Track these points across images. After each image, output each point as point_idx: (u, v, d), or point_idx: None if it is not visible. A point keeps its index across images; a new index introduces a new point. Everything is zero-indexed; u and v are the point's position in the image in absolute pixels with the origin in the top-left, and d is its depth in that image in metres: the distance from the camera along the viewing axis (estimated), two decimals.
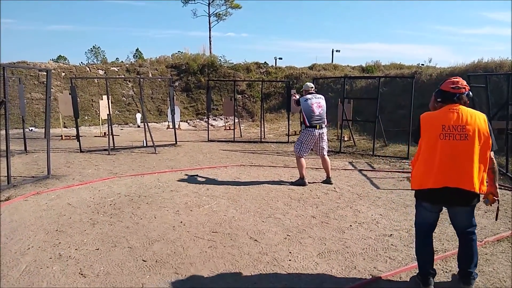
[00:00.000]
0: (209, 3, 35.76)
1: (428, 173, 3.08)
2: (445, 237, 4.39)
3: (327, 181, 6.75)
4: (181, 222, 4.75)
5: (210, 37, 35.30)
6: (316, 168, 8.04)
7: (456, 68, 13.00)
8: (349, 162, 8.79)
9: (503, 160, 7.57)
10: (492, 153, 3.12)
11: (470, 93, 3.17)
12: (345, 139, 11.50)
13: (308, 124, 6.50)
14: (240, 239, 4.28)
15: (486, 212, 5.18)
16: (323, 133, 6.57)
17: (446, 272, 3.56)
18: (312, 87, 6.83)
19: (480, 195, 3.10)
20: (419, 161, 3.18)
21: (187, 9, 78.86)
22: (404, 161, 8.90)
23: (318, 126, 6.46)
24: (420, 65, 20.54)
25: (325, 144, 6.71)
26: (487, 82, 7.78)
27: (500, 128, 7.53)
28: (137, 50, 58.07)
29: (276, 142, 11.80)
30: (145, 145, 10.53)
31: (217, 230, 4.53)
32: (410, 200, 5.81)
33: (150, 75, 18.44)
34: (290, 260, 3.79)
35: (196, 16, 39.63)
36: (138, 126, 15.53)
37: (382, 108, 12.61)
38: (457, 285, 3.30)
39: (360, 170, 7.93)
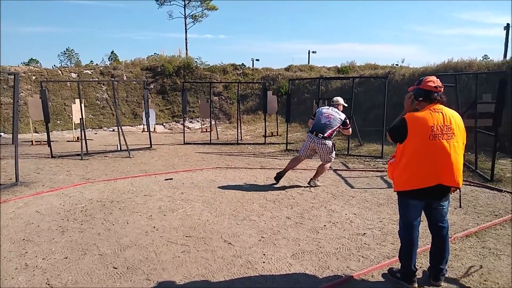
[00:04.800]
0: (185, 5, 35.59)
1: (418, 174, 3.12)
2: None
3: (310, 182, 6.71)
4: (154, 227, 4.67)
5: (186, 39, 35.18)
6: (292, 169, 8.05)
7: (428, 68, 13.28)
8: None
9: (472, 157, 7.78)
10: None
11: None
12: None
13: (310, 128, 6.66)
14: (214, 242, 4.23)
15: (456, 209, 5.29)
16: (319, 142, 6.41)
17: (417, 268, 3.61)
18: (337, 102, 6.75)
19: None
20: (405, 162, 3.17)
21: (163, 11, 78.14)
22: (378, 160, 9.03)
23: (315, 133, 6.45)
24: (394, 65, 20.92)
25: (325, 154, 6.51)
26: (456, 81, 7.98)
27: (469, 126, 7.70)
28: (112, 52, 57.04)
29: (253, 144, 11.80)
30: (119, 149, 10.35)
31: (190, 234, 4.47)
32: (383, 199, 5.90)
33: (125, 78, 18.16)
34: (264, 262, 3.77)
35: (172, 18, 39.40)
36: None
37: (357, 108, 12.77)
38: (427, 282, 3.36)
39: (335, 170, 7.99)
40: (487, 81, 9.94)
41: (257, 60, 35.78)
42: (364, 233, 4.49)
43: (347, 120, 6.58)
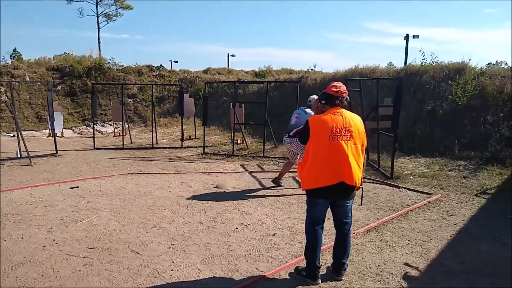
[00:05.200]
0: (97, 3, 33.75)
1: (321, 173, 3.30)
2: (323, 232, 4.65)
3: (274, 180, 6.89)
4: (54, 241, 4.30)
5: (99, 38, 33.31)
6: (208, 173, 8.01)
7: (337, 73, 14.07)
8: (241, 165, 8.94)
9: (376, 156, 8.38)
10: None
11: (348, 98, 3.51)
12: (239, 142, 11.69)
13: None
14: (120, 253, 4.02)
15: (359, 206, 5.64)
16: (288, 141, 6.40)
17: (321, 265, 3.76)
18: (310, 101, 6.66)
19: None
20: (310, 162, 3.35)
21: (73, 7, 73.05)
22: None
23: (286, 134, 6.43)
24: (310, 69, 21.89)
25: (289, 151, 6.63)
26: (360, 86, 8.55)
27: (372, 127, 8.31)
28: (14, 50, 52.06)
29: (169, 148, 11.51)
30: (18, 156, 9.43)
31: (95, 245, 4.20)
32: (294, 199, 6.10)
33: (28, 78, 16.65)
34: (172, 270, 3.66)
35: (82, 15, 36.90)
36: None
37: (273, 111, 13.10)
38: (330, 277, 3.52)
39: (250, 172, 8.10)
40: (388, 86, 10.80)
41: (176, 61, 35.19)
42: (274, 234, 4.59)
43: None
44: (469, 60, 11.27)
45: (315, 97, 6.73)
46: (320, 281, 3.43)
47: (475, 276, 3.58)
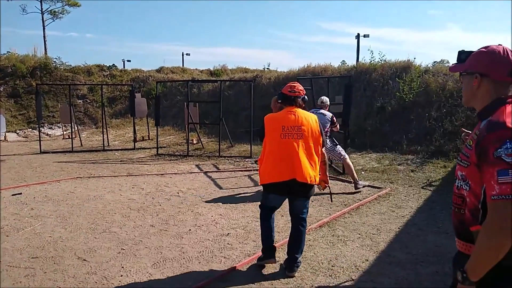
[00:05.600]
0: None
1: (273, 169, 3.45)
2: (276, 229, 4.67)
3: (354, 186, 6.41)
4: None
5: (44, 37, 31.61)
6: (161, 174, 7.83)
7: (291, 72, 14.25)
8: (196, 165, 8.82)
9: None
10: (324, 149, 3.68)
11: (306, 97, 3.66)
12: (194, 142, 11.55)
13: None
14: (66, 261, 3.83)
15: (312, 201, 5.72)
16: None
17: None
18: (322, 102, 6.63)
19: (315, 185, 3.60)
20: (265, 158, 3.53)
21: (15, 4, 68.81)
22: (247, 160, 9.33)
23: None
24: (265, 68, 21.99)
25: (332, 154, 6.53)
26: (312, 84, 8.69)
27: None
28: None
29: (121, 150, 11.15)
30: None
31: (38, 255, 3.97)
32: (249, 197, 6.09)
33: None
34: (121, 276, 3.53)
35: (26, 12, 34.86)
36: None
37: (228, 110, 13.07)
38: (283, 274, 3.53)
39: (205, 172, 8.01)
40: (340, 84, 11.07)
41: (129, 61, 34.31)
42: (228, 233, 4.56)
43: (334, 118, 6.51)
44: (414, 58, 11.81)
45: (326, 99, 6.72)
46: (275, 260, 3.59)
47: (421, 266, 3.72)
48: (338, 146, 6.64)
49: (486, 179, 1.43)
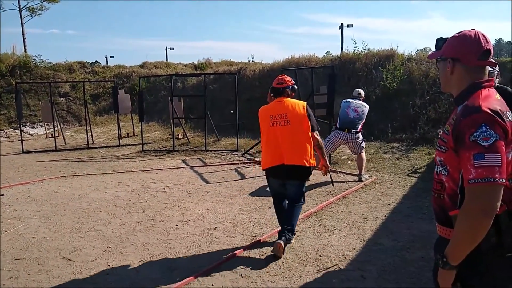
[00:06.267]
0: None
1: (267, 155, 3.84)
2: (263, 221, 4.68)
3: (359, 178, 6.43)
4: None
5: (23, 34, 30.89)
6: (147, 170, 7.76)
7: (275, 63, 14.18)
8: (182, 160, 8.76)
9: None
10: (316, 133, 3.87)
11: (295, 86, 3.95)
12: (180, 137, 11.45)
13: (337, 126, 6.41)
14: (51, 261, 3.76)
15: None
16: (352, 138, 6.31)
17: (261, 255, 3.78)
18: (359, 94, 6.63)
19: (311, 168, 3.85)
20: (262, 147, 3.99)
21: None
22: (234, 153, 9.30)
23: (347, 129, 6.25)
24: (250, 61, 21.85)
25: (357, 146, 6.43)
26: (296, 75, 8.65)
27: None
28: None
29: (105, 147, 11.00)
30: None
31: (21, 256, 3.90)
32: (236, 191, 6.07)
33: None
34: (107, 274, 3.49)
35: (3, 9, 33.96)
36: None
37: (214, 104, 12.98)
38: (271, 266, 3.55)
39: (192, 167, 7.95)
40: (324, 75, 11.08)
41: (112, 57, 33.73)
42: (215, 227, 4.54)
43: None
44: (397, 47, 11.84)
45: (361, 91, 6.81)
46: (281, 241, 3.66)
47: (407, 252, 3.76)
48: (362, 138, 6.60)
49: (463, 163, 1.44)
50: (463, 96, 1.57)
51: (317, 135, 3.87)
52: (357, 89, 6.87)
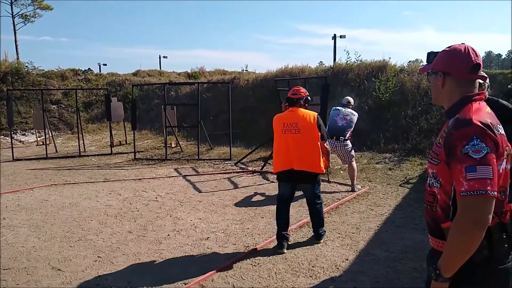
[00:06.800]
0: (11, 2, 31.15)
1: (278, 160, 4.13)
2: (256, 231, 4.66)
3: (351, 188, 6.43)
4: None
5: (16, 41, 30.85)
6: (139, 179, 7.70)
7: (269, 73, 14.25)
8: (175, 169, 8.71)
9: None
10: (326, 143, 4.30)
11: (309, 98, 4.28)
12: (172, 145, 11.41)
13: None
14: (40, 271, 3.71)
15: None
16: (341, 145, 6.30)
17: (254, 265, 3.75)
18: (349, 102, 6.66)
19: (319, 174, 4.17)
20: (274, 151, 4.28)
21: None
22: (227, 162, 9.28)
23: (335, 137, 6.25)
24: (243, 70, 21.92)
25: (347, 155, 6.42)
26: (289, 85, 8.70)
27: None
28: None
29: (97, 155, 10.91)
30: None
31: (10, 266, 3.83)
32: (229, 200, 6.05)
33: None
34: (98, 284, 3.44)
35: None
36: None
37: (207, 112, 12.98)
38: (313, 242, 4.25)
39: (184, 176, 7.91)
40: (317, 85, 11.15)
41: (105, 65, 33.74)
42: (208, 237, 4.51)
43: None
44: (389, 58, 11.95)
45: (351, 98, 6.90)
46: (285, 250, 3.98)
47: (400, 263, 3.76)
48: (352, 146, 6.61)
49: (455, 176, 1.45)
50: (454, 109, 1.59)
51: (326, 145, 4.27)
52: (347, 97, 6.88)
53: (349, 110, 6.56)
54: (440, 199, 1.58)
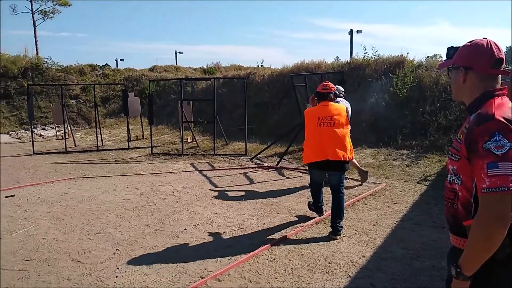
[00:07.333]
0: None
1: (312, 151, 4.40)
2: (272, 226, 4.66)
3: (361, 174, 6.61)
4: None
5: (35, 37, 31.39)
6: (156, 174, 7.79)
7: (285, 68, 14.19)
8: (191, 164, 8.77)
9: None
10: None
11: (337, 92, 4.64)
12: (189, 140, 11.49)
13: None
14: (60, 263, 3.79)
15: (308, 198, 5.72)
16: None
17: (270, 260, 3.76)
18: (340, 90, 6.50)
19: (349, 162, 4.52)
20: (305, 143, 4.55)
21: (4, 4, 67.82)
22: (242, 157, 9.30)
23: None
24: (258, 66, 21.90)
25: None
26: (305, 81, 8.67)
27: None
28: None
29: (115, 150, 11.07)
30: None
31: (32, 257, 3.93)
32: (245, 195, 6.07)
33: None
34: (116, 276, 3.50)
35: (16, 12, 34.51)
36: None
37: (223, 108, 13.02)
38: (328, 237, 4.30)
39: (200, 171, 7.97)
40: (333, 80, 11.05)
41: (122, 60, 34.10)
42: (224, 232, 4.54)
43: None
44: (407, 53, 11.72)
45: (341, 88, 6.70)
46: (324, 214, 4.83)
47: (418, 261, 3.72)
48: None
49: (477, 172, 1.43)
50: (476, 105, 1.56)
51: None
52: (337, 86, 6.74)
53: (341, 99, 6.36)
54: (461, 196, 1.55)
